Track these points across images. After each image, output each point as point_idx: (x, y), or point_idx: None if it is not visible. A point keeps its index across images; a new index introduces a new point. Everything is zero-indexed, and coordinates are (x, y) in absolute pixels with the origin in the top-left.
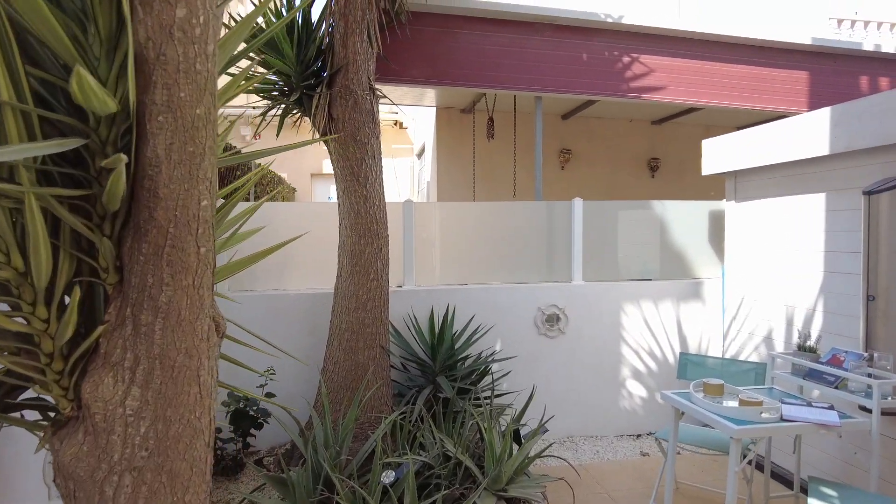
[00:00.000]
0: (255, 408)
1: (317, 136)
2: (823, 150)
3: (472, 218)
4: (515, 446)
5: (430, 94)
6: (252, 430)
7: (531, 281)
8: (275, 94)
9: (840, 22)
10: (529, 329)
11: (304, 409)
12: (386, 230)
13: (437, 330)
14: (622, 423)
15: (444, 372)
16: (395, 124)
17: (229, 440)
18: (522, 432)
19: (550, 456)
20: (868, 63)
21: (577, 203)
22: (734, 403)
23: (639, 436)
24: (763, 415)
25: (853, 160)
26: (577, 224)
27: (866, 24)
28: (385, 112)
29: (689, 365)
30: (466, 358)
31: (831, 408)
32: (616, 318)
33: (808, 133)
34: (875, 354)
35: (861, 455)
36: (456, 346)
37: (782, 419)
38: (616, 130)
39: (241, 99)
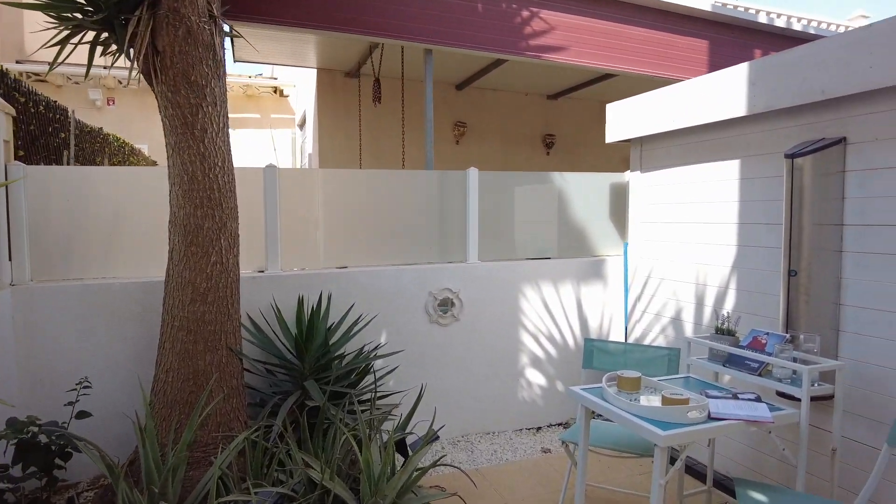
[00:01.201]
0: (55, 435)
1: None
2: (740, 110)
3: (352, 189)
4: (403, 459)
5: (310, 53)
6: (58, 461)
7: (421, 262)
8: (76, 15)
9: (724, 5)
10: (420, 317)
11: (130, 429)
12: (233, 199)
13: (306, 323)
14: (521, 416)
15: (315, 374)
16: (275, 91)
17: (25, 476)
18: (411, 440)
19: (443, 465)
20: (765, 38)
21: (473, 173)
22: (653, 399)
23: (539, 429)
24: (690, 414)
25: (771, 122)
26: (472, 197)
27: (746, 10)
28: (265, 78)
29: (596, 352)
30: (344, 356)
31: (758, 399)
32: (514, 301)
33: (722, 92)
34: (802, 336)
35: (789, 448)
36: (331, 342)
37: (710, 417)
38: (512, 104)
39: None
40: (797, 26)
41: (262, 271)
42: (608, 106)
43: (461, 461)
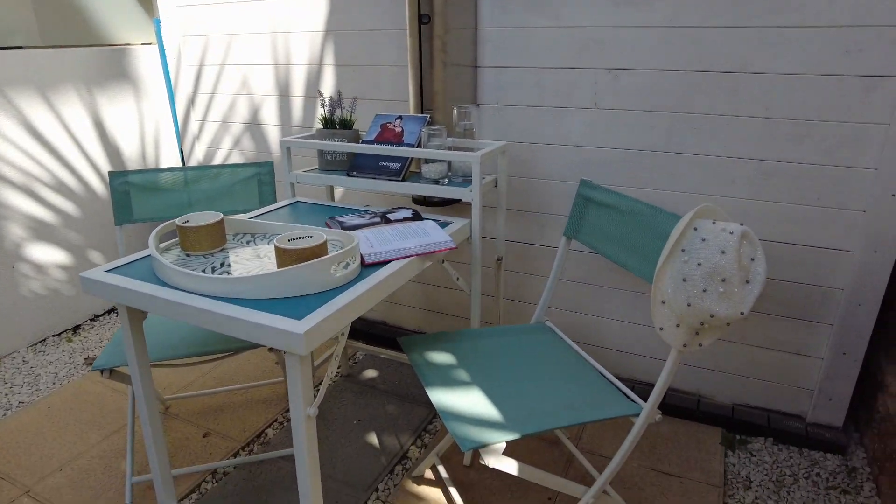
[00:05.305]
0: None
1: None
2: None
3: None
4: None
5: None
6: None
7: None
8: None
9: None
10: None
11: None
12: None
13: None
14: (40, 320)
15: None
16: None
17: None
18: None
19: None
20: None
21: None
22: (249, 257)
23: (77, 328)
24: (336, 270)
25: None
26: None
27: None
28: None
29: (135, 192)
30: None
31: (417, 216)
32: None
33: None
34: (455, 110)
35: (460, 272)
36: None
37: (364, 265)
38: None
39: None
40: None
41: None
42: None
43: None
